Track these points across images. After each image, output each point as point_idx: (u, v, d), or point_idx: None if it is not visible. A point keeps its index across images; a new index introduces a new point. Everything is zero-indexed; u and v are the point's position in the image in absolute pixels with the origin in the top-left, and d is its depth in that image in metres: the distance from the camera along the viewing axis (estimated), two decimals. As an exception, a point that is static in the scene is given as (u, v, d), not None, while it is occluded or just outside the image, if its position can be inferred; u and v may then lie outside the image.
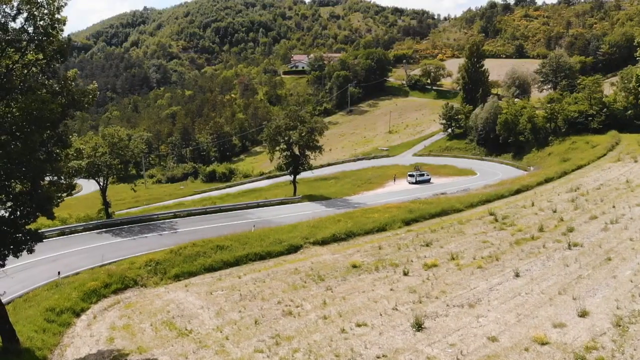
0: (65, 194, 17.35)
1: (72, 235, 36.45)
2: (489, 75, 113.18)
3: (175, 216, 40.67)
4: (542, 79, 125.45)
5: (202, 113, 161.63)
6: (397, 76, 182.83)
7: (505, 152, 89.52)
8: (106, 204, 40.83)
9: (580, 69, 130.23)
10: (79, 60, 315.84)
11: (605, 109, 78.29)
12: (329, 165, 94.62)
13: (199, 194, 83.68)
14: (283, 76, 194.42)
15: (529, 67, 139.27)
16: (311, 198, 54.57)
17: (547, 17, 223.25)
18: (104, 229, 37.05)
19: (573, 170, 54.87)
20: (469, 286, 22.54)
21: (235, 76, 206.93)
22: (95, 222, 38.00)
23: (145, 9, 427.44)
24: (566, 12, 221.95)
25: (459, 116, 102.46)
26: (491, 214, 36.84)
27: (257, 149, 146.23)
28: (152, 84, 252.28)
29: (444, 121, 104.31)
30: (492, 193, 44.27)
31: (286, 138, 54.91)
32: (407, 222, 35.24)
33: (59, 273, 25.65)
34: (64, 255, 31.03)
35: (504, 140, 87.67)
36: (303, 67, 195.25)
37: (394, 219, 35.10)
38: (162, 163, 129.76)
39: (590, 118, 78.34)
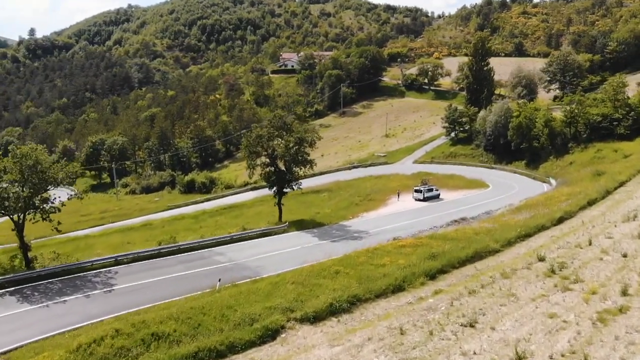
0: None
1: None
2: (494, 74, 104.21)
3: (117, 262, 30.19)
4: (549, 78, 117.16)
5: (183, 115, 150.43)
6: (392, 76, 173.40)
7: (517, 159, 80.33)
8: (24, 247, 30.09)
9: (587, 68, 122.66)
10: (58, 60, 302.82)
11: (632, 112, 69.46)
12: (320, 174, 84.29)
13: (172, 209, 73.61)
14: (271, 75, 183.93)
15: (530, 65, 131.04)
16: (300, 225, 44.41)
17: (545, 14, 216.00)
18: (11, 288, 26.41)
19: (616, 188, 45.68)
20: None
21: (221, 75, 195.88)
22: (1, 277, 27.18)
23: (129, 6, 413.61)
24: (565, 9, 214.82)
25: (463, 119, 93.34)
26: (540, 259, 27.29)
27: (242, 154, 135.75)
28: (133, 84, 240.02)
29: (447, 124, 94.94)
30: (530, 224, 34.67)
31: (269, 150, 44.81)
32: (432, 276, 25.56)
33: None
34: None
35: (516, 146, 78.48)
36: (292, 66, 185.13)
37: (413, 271, 25.39)
38: (138, 170, 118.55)
39: (616, 122, 69.49)
